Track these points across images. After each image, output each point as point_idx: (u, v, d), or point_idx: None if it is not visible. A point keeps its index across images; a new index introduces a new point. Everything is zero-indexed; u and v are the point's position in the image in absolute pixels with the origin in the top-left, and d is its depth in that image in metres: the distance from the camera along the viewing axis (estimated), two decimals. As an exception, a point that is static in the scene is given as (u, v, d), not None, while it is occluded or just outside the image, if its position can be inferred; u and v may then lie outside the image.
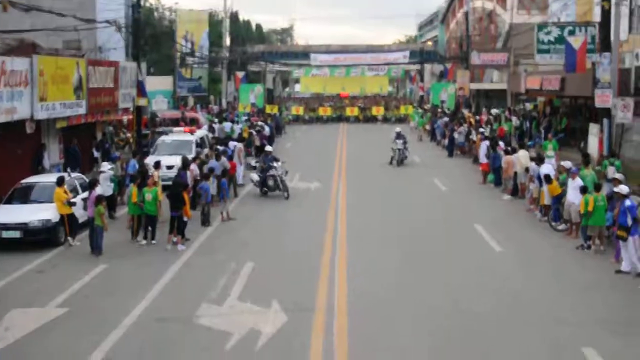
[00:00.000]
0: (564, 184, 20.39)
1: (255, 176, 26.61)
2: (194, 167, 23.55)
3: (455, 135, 38.91)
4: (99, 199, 18.58)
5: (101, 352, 11.64)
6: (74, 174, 22.06)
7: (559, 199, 20.39)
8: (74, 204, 19.53)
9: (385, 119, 63.28)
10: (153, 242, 19.23)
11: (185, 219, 19.24)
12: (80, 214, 19.86)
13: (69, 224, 19.23)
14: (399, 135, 35.22)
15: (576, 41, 31.37)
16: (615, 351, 11.54)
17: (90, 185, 19.44)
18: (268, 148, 28.59)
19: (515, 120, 42.66)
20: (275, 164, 26.04)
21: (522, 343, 11.96)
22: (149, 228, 19.45)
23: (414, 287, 15.20)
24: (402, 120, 61.53)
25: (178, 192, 19.29)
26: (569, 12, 42.94)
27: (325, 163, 35.89)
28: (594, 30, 32.29)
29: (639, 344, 11.96)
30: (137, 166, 23.70)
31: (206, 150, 29.43)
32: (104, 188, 21.34)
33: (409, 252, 18.12)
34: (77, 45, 34.97)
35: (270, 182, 26.08)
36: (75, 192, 20.54)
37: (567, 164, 21.30)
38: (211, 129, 38.79)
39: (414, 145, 41.34)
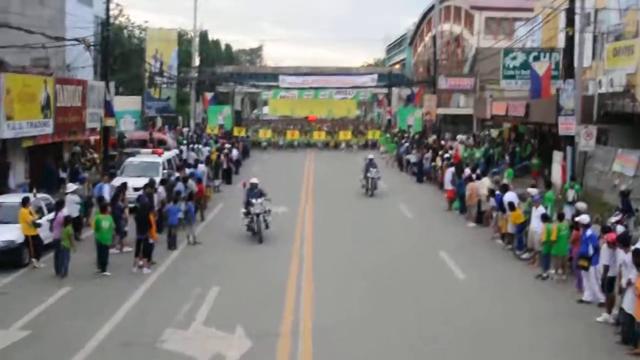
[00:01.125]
0: (527, 212, 20.65)
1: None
2: (161, 189, 23.50)
3: (423, 161, 39.15)
4: (67, 220, 18.44)
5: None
6: (39, 195, 21.86)
7: (522, 227, 20.65)
8: (39, 225, 19.34)
9: (349, 146, 60.69)
10: (106, 273, 18.42)
11: (151, 241, 19.19)
12: (46, 236, 19.69)
13: (33, 246, 19.05)
14: (371, 163, 33.64)
15: (541, 67, 31.88)
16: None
17: (58, 206, 19.29)
18: (253, 180, 24.38)
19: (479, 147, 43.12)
20: (255, 201, 22.92)
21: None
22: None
23: (378, 313, 15.31)
24: (369, 146, 60.70)
25: (144, 215, 19.24)
26: (534, 38, 43.60)
27: (292, 188, 35.86)
28: (559, 56, 32.81)
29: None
30: (106, 189, 23.33)
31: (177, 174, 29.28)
32: (70, 209, 21.18)
33: (374, 279, 18.22)
34: (45, 63, 34.74)
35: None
36: (40, 213, 20.38)
37: (532, 191, 21.60)
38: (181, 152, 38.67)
39: (382, 171, 41.51)
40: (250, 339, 13.35)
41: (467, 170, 28.59)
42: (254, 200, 22.78)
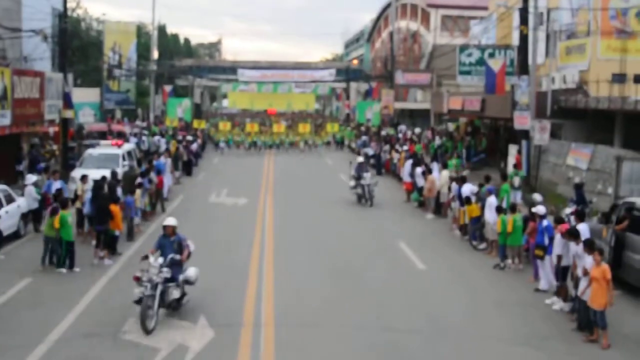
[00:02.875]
0: (483, 199, 20.95)
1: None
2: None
3: (381, 154, 39.52)
4: (54, 211, 17.93)
5: (27, 368, 11.62)
6: (-2, 186, 21.65)
7: (477, 220, 21.05)
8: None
9: (313, 145, 54.07)
10: (76, 269, 17.84)
11: (116, 233, 19.17)
12: (5, 227, 19.55)
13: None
14: (362, 166, 29.07)
15: (496, 63, 32.46)
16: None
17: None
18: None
19: (437, 140, 43.65)
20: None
21: (444, 359, 12.38)
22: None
23: (339, 302, 15.52)
24: (338, 145, 56.47)
25: (103, 206, 19.12)
26: (489, 35, 44.32)
27: (253, 182, 35.99)
28: (513, 54, 33.47)
29: (555, 357, 12.55)
30: (57, 187, 21.77)
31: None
32: (29, 202, 21.05)
33: (335, 269, 18.42)
34: (2, 55, 34.33)
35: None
36: (-1, 204, 20.25)
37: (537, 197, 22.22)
38: (141, 142, 38.53)
39: (341, 164, 41.76)
40: (213, 329, 13.48)
41: (435, 165, 28.92)
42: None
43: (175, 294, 13.94)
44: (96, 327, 13.64)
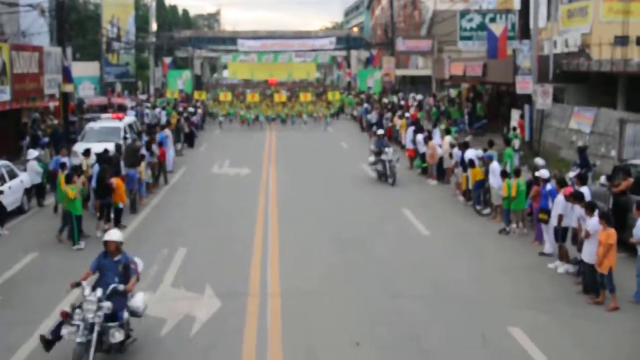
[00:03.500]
0: (487, 163, 20.88)
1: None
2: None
3: (383, 121, 39.43)
4: (68, 176, 17.81)
5: (35, 341, 11.61)
6: (0, 162, 21.61)
7: (481, 184, 21.01)
8: (1, 192, 19.16)
9: (319, 117, 49.42)
10: (81, 244, 17.45)
11: (120, 205, 19.16)
12: (8, 202, 19.56)
13: (-4, 212, 18.90)
14: (381, 140, 27.24)
15: (497, 28, 32.24)
16: (539, 328, 12.07)
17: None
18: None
19: (440, 106, 43.53)
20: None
21: (450, 324, 12.39)
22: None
23: (344, 270, 15.54)
24: (345, 115, 54.46)
25: (102, 179, 19.07)
26: (490, 0, 43.98)
27: (255, 152, 35.96)
28: (514, 18, 33.23)
29: (561, 320, 12.55)
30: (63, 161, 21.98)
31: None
32: (32, 176, 21.03)
33: (340, 237, 18.44)
34: (0, 30, 34.21)
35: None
36: (2, 180, 20.22)
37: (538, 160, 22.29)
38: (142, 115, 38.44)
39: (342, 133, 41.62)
40: (219, 299, 13.50)
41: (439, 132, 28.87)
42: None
43: (117, 336, 10.45)
44: (102, 300, 13.65)
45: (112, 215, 19.07)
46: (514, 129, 28.95)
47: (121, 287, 10.81)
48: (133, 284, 11.02)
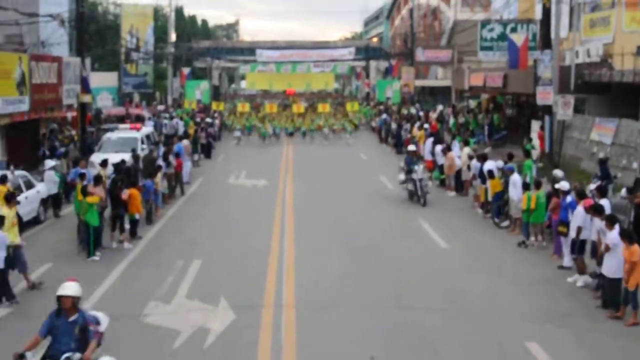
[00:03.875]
0: (507, 175, 20.62)
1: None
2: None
3: (402, 132, 39.29)
4: (84, 188, 17.74)
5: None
6: (17, 172, 21.66)
7: (500, 195, 20.77)
8: (18, 202, 19.11)
9: (340, 130, 47.44)
10: (97, 256, 17.39)
11: (137, 216, 19.11)
12: (25, 212, 19.54)
13: (13, 223, 18.85)
14: (412, 158, 24.95)
15: (518, 38, 32.04)
16: (557, 343, 11.85)
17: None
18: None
19: (460, 118, 43.26)
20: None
21: (467, 338, 12.20)
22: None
23: (361, 282, 15.38)
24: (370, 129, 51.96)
25: (114, 189, 18.92)
26: (511, 10, 43.74)
27: (272, 164, 35.84)
28: (536, 28, 33.02)
29: (579, 335, 12.32)
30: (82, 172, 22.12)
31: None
32: (49, 186, 21.02)
33: (356, 248, 18.29)
34: (19, 40, 34.40)
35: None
36: (19, 190, 20.19)
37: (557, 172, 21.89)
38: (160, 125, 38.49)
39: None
40: (234, 311, 13.37)
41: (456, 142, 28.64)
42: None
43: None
44: (116, 311, 13.49)
45: (127, 226, 19.01)
46: (530, 139, 28.70)
47: (77, 356, 8.83)
48: (92, 350, 8.90)
